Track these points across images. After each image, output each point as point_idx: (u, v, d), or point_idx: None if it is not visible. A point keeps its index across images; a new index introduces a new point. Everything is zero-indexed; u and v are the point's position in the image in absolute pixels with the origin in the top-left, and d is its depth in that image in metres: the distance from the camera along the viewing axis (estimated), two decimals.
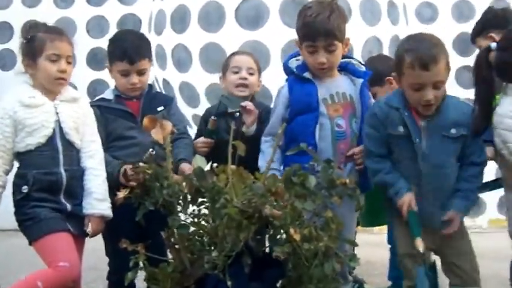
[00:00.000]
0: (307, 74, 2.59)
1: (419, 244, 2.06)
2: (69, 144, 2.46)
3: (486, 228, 4.86)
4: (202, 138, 2.86)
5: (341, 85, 2.63)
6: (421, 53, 2.26)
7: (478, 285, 2.44)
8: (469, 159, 2.40)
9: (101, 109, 2.80)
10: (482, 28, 3.12)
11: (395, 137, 2.38)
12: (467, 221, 2.69)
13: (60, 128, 2.42)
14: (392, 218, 2.46)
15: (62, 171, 2.39)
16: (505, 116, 2.34)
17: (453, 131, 2.35)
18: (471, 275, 2.43)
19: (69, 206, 2.40)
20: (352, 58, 2.68)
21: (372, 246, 3.20)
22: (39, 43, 2.45)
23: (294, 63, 2.65)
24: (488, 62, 2.40)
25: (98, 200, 2.46)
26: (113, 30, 5.05)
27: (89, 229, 2.45)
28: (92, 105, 2.77)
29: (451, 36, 4.81)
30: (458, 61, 4.69)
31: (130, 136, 2.73)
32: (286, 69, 2.70)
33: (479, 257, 2.51)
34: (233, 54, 3.15)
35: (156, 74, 4.60)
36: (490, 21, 3.15)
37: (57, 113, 2.45)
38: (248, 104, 2.76)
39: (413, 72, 2.26)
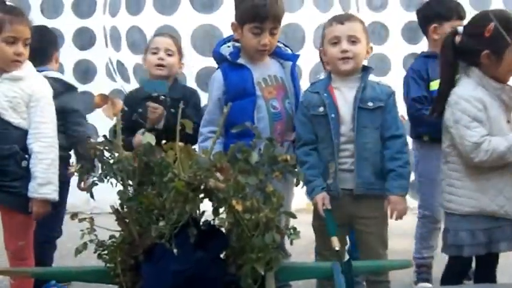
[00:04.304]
0: (241, 60, 2.71)
1: (335, 243, 2.06)
2: (4, 123, 2.47)
3: None
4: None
5: (272, 68, 2.78)
6: (339, 14, 2.76)
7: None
8: (389, 133, 2.52)
9: None
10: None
11: (316, 116, 2.56)
12: None
13: None
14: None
15: None
16: (463, 98, 2.39)
17: (370, 104, 2.52)
18: (377, 252, 2.55)
19: None
20: (278, 42, 2.82)
21: None
22: None
23: (226, 50, 2.75)
24: (454, 44, 2.48)
25: (40, 185, 2.53)
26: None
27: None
28: None
29: (400, 24, 4.99)
30: (406, 48, 4.88)
31: None
32: (218, 56, 2.78)
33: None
34: (154, 35, 3.29)
35: (111, 55, 4.62)
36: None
37: None
38: (151, 105, 2.85)
39: (331, 27, 2.60)
